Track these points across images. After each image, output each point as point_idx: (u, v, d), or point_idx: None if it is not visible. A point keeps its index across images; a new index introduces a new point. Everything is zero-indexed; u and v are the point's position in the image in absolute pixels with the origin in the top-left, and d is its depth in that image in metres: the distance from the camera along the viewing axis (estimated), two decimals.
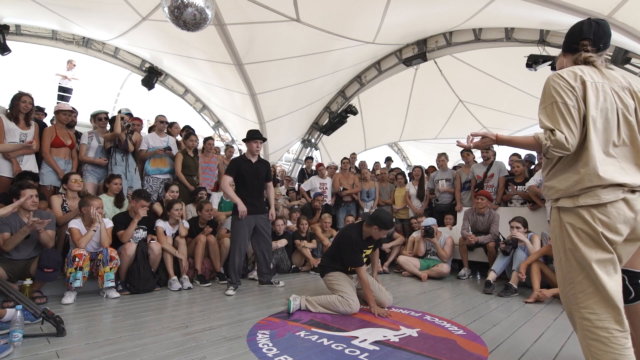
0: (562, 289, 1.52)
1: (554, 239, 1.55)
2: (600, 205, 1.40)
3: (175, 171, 5.13)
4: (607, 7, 4.77)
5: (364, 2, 6.07)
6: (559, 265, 1.53)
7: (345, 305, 3.02)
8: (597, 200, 1.40)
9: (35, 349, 2.12)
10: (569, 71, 1.52)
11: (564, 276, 1.50)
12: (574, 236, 1.43)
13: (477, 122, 11.01)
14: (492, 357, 2.22)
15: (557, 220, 1.50)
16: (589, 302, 1.40)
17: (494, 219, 4.93)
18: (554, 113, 1.47)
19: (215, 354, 2.15)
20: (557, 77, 1.51)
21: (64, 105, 4.65)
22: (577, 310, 1.44)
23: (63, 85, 8.92)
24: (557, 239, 1.52)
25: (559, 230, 1.50)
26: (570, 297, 1.46)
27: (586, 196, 1.42)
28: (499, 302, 3.64)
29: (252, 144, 4.04)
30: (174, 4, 4.31)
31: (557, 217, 1.51)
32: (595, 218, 1.40)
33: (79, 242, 3.34)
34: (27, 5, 6.22)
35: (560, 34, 5.62)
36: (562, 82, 1.48)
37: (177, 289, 3.85)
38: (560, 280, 1.53)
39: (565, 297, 1.51)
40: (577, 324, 1.45)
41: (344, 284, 3.21)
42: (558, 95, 1.47)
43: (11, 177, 3.78)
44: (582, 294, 1.42)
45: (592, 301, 1.40)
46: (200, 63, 8.05)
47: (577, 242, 1.42)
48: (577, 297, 1.43)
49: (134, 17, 6.52)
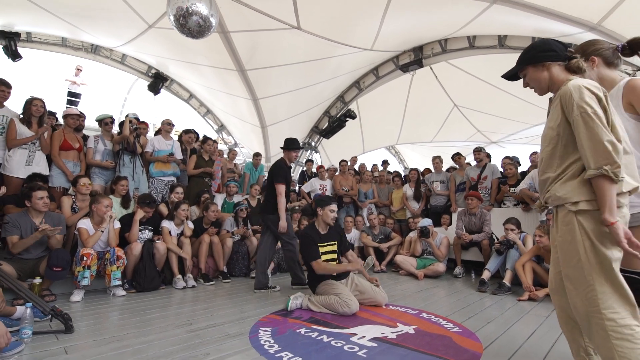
0: (578, 292, 1.44)
1: (566, 243, 1.47)
2: (617, 208, 1.39)
3: (187, 170, 5.29)
4: (596, 16, 4.79)
5: (362, 11, 6.09)
6: (573, 269, 1.45)
7: (344, 305, 2.95)
8: (617, 204, 1.39)
9: (44, 345, 2.12)
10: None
11: (581, 280, 1.43)
12: (594, 238, 1.39)
13: (472, 126, 11.03)
14: (487, 354, 2.21)
15: (574, 224, 1.43)
16: (610, 301, 1.36)
17: (486, 218, 4.95)
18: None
19: (219, 351, 2.14)
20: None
21: (71, 109, 4.66)
22: (598, 312, 1.38)
23: (72, 91, 8.94)
24: (571, 242, 1.45)
25: (574, 233, 1.43)
26: (591, 299, 1.40)
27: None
28: (493, 300, 3.64)
29: (292, 153, 4.12)
30: (179, 12, 4.33)
31: (573, 220, 1.44)
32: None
33: (87, 241, 3.35)
34: (38, 14, 6.25)
35: None
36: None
37: (181, 287, 3.85)
38: (576, 284, 1.45)
39: (583, 300, 1.43)
40: (599, 326, 1.38)
41: (338, 286, 3.15)
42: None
43: (23, 179, 3.78)
44: (603, 295, 1.37)
45: (612, 300, 1.37)
46: (205, 69, 8.07)
47: (597, 243, 1.38)
48: (599, 299, 1.38)
49: (141, 25, 6.54)
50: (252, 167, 6.87)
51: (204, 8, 4.37)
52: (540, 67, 1.62)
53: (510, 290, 3.87)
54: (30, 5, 5.88)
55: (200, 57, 7.56)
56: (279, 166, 4.07)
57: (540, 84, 1.65)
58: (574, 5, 4.83)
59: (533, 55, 1.64)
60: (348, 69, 8.38)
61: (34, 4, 5.87)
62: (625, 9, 4.51)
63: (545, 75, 1.61)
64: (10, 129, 3.80)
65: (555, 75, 1.59)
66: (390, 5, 5.75)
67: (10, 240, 3.02)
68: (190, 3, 4.30)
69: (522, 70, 1.70)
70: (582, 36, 5.30)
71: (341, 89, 9.49)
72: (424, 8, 5.95)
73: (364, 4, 5.89)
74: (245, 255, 4.76)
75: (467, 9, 5.68)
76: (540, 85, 1.65)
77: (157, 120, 8.99)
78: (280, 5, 5.84)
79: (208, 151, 5.52)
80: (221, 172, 6.03)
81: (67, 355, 2.01)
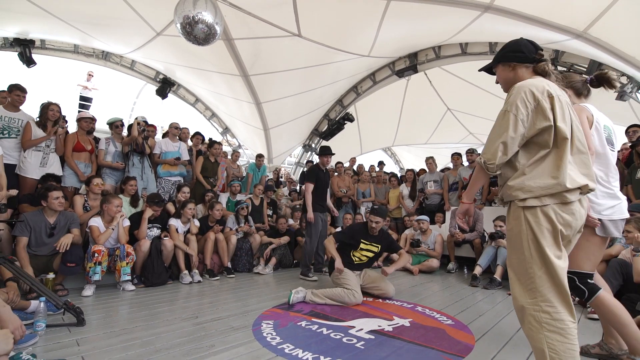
0: (519, 283, 1.45)
1: (513, 235, 1.49)
2: (564, 204, 1.40)
3: (195, 173, 5.34)
4: (582, 24, 4.79)
5: (360, 19, 6.10)
6: (517, 260, 1.47)
7: (350, 295, 3.04)
8: (562, 199, 1.40)
9: (57, 338, 2.12)
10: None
11: (522, 271, 1.44)
12: (538, 232, 1.39)
13: (464, 128, 11.03)
14: (479, 345, 2.21)
15: (521, 218, 1.45)
16: (548, 295, 1.37)
17: (478, 217, 4.94)
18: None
19: (223, 343, 2.14)
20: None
21: (85, 113, 4.66)
22: (534, 304, 1.39)
23: (84, 95, 8.93)
24: (517, 235, 1.46)
25: (521, 227, 1.44)
26: (529, 290, 1.41)
27: (552, 197, 1.40)
28: (484, 294, 3.64)
29: (323, 158, 4.50)
30: (186, 20, 4.33)
31: (520, 214, 1.45)
32: (558, 216, 1.39)
33: (98, 239, 3.34)
34: (51, 22, 6.24)
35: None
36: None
37: (188, 282, 3.84)
38: (518, 274, 1.46)
39: (521, 291, 1.44)
40: (532, 317, 1.39)
41: (349, 277, 3.22)
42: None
43: (37, 179, 3.78)
44: (542, 288, 1.38)
45: (551, 295, 1.37)
46: (210, 74, 8.06)
47: (540, 238, 1.39)
48: (537, 291, 1.39)
49: (149, 33, 6.54)
50: (255, 168, 6.87)
51: (209, 17, 4.37)
52: (508, 66, 1.62)
53: (500, 285, 3.87)
54: (45, 14, 5.88)
55: (205, 63, 7.55)
56: (310, 169, 4.72)
57: (505, 82, 1.66)
58: (561, 14, 4.83)
59: (503, 54, 1.65)
60: (346, 75, 8.38)
61: (48, 13, 5.86)
62: (609, 18, 4.51)
63: (510, 75, 1.62)
64: (27, 132, 3.79)
65: (520, 76, 1.59)
66: (387, 14, 5.75)
67: (19, 240, 2.97)
68: (196, 12, 4.30)
69: (495, 67, 1.71)
70: (569, 43, 5.30)
71: (340, 93, 9.49)
72: (419, 17, 5.95)
73: (362, 13, 5.89)
74: (248, 252, 4.75)
75: (459, 18, 5.68)
76: (505, 83, 1.66)
77: (164, 123, 8.99)
78: (281, 14, 5.84)
79: (214, 154, 5.61)
80: (225, 172, 6.02)
81: (79, 347, 2.01)
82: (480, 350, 2.13)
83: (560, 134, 1.42)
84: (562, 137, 1.42)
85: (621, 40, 4.83)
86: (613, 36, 4.80)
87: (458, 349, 2.14)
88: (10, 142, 3.77)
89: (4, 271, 2.51)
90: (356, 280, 3.28)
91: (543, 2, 4.79)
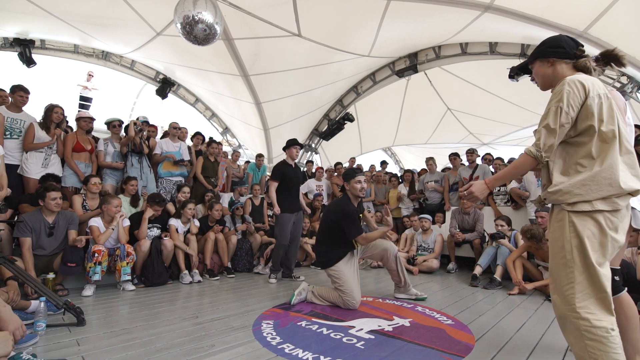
0: (559, 288, 1.40)
1: (555, 239, 1.43)
2: (615, 211, 1.34)
3: (196, 173, 5.31)
4: (582, 24, 4.80)
5: (360, 19, 6.10)
6: (557, 265, 1.41)
7: (347, 303, 2.92)
8: (614, 207, 1.33)
9: (57, 338, 2.12)
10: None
11: (563, 276, 1.38)
12: (583, 237, 1.34)
13: (464, 128, 11.03)
14: (479, 345, 2.21)
15: (565, 221, 1.39)
16: (587, 302, 1.32)
17: (479, 218, 4.93)
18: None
19: (223, 342, 2.14)
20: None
21: (84, 112, 4.66)
22: (573, 310, 1.33)
23: (84, 95, 8.94)
24: (559, 239, 1.40)
25: (564, 230, 1.39)
26: (568, 296, 1.35)
27: (603, 202, 1.34)
28: (484, 294, 3.64)
29: (292, 149, 4.15)
30: (186, 20, 4.33)
31: (564, 217, 1.39)
32: (608, 222, 1.33)
33: (98, 239, 3.34)
34: (51, 22, 6.25)
35: None
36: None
37: (188, 282, 3.85)
38: (558, 280, 1.40)
39: (561, 297, 1.39)
40: (573, 325, 1.34)
41: (347, 278, 2.96)
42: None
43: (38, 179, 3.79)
44: (581, 294, 1.32)
45: (590, 301, 1.32)
46: (210, 74, 8.07)
47: (585, 243, 1.33)
48: (576, 297, 1.33)
49: (149, 33, 6.54)
50: (255, 168, 6.87)
51: (209, 16, 4.38)
52: (547, 62, 1.57)
53: (500, 285, 3.87)
54: (45, 14, 5.88)
55: (205, 63, 7.56)
56: (275, 166, 4.23)
57: (542, 79, 1.61)
58: (561, 14, 4.84)
59: (542, 50, 1.60)
60: (346, 74, 8.39)
61: (48, 13, 5.87)
62: (609, 17, 4.52)
63: (549, 71, 1.57)
64: (29, 133, 3.80)
65: (559, 72, 1.54)
66: (387, 14, 5.76)
67: (23, 241, 2.98)
68: (196, 12, 4.30)
69: (532, 63, 1.66)
70: None
71: (340, 93, 9.49)
72: (419, 16, 5.95)
73: (362, 13, 5.89)
74: (248, 252, 4.76)
75: (459, 18, 5.69)
76: (543, 80, 1.61)
77: (165, 123, 9.00)
78: (281, 14, 5.84)
79: (213, 153, 5.53)
80: (226, 172, 6.03)
81: (79, 347, 2.00)
82: (480, 350, 2.12)
83: (608, 132, 1.36)
84: (611, 136, 1.36)
85: (621, 40, 4.83)
86: (613, 36, 4.80)
87: (458, 348, 2.14)
88: (13, 143, 3.78)
89: (4, 271, 2.51)
90: (352, 275, 3.03)
91: (543, 2, 4.79)
